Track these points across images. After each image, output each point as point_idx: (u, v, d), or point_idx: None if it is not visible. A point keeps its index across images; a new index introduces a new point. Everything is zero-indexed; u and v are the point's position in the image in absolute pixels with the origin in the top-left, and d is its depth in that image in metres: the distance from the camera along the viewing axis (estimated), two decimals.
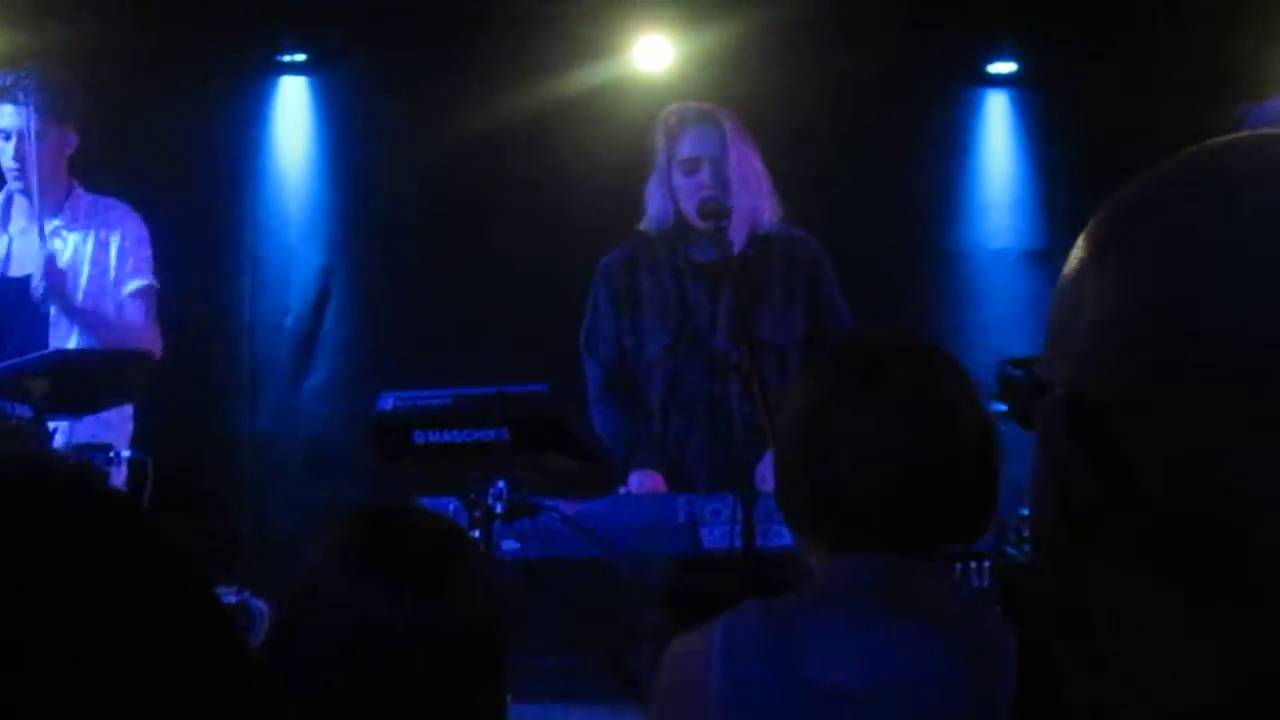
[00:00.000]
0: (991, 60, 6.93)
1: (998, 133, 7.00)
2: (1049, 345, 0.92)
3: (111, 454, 4.47)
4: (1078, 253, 0.91)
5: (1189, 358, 0.84)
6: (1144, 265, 0.87)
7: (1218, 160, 0.89)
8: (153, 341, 4.99)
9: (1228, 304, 0.83)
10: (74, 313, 4.87)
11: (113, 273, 4.98)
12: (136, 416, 5.07)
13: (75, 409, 4.56)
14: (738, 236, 4.52)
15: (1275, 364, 0.82)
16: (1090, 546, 0.89)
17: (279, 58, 6.84)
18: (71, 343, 4.86)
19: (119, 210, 5.05)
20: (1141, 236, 0.88)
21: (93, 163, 5.14)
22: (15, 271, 4.95)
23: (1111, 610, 0.89)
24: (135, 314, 5.00)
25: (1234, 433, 0.83)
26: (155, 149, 6.29)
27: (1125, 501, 0.87)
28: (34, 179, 4.85)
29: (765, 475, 4.17)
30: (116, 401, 4.83)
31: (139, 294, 5.00)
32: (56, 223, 4.95)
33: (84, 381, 4.52)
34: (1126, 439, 0.86)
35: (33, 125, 4.81)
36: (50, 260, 4.83)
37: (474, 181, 6.64)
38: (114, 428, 4.92)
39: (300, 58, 6.85)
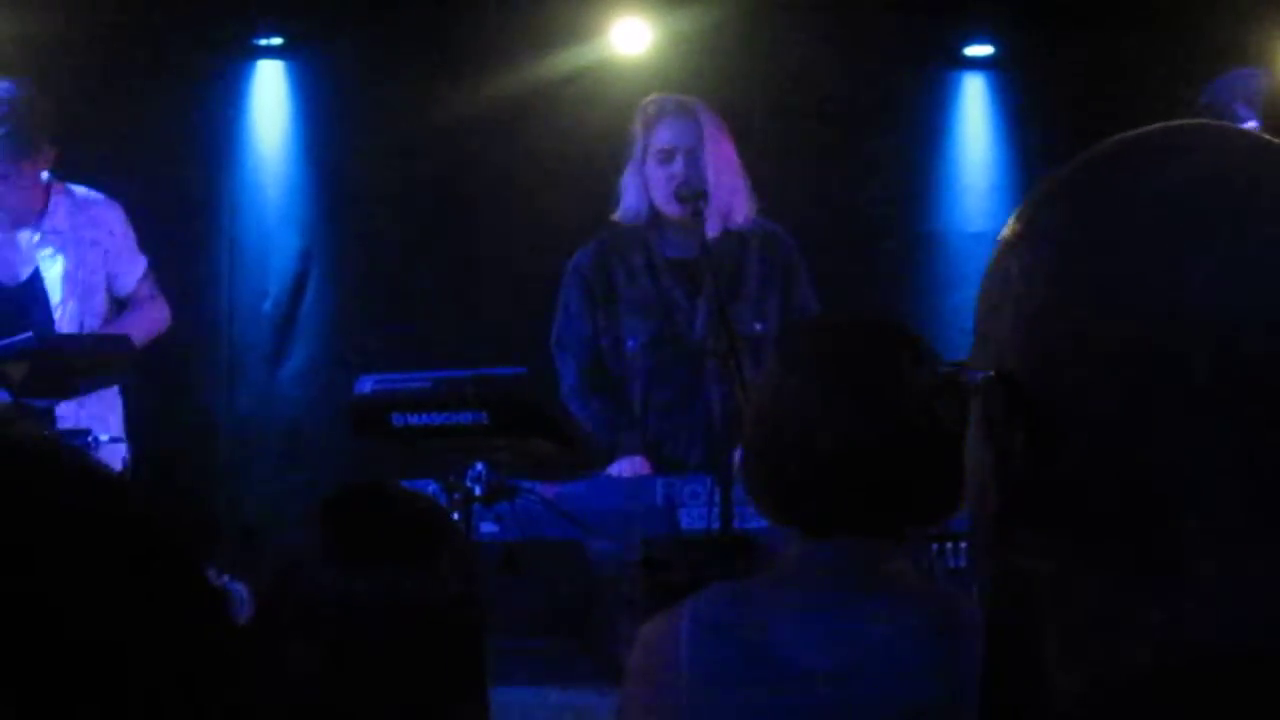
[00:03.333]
0: (968, 43, 6.93)
1: (974, 116, 7.01)
2: (977, 329, 0.95)
3: (90, 439, 4.48)
4: (1003, 237, 0.94)
5: (1102, 333, 0.87)
6: (1060, 246, 0.90)
7: (1129, 148, 0.93)
8: (163, 313, 5.19)
9: (1139, 281, 0.86)
10: (85, 324, 4.93)
11: (104, 270, 5.02)
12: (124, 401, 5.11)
13: (54, 394, 4.57)
14: (711, 228, 4.52)
15: (1183, 341, 0.85)
16: (1025, 521, 0.91)
17: (256, 41, 6.81)
18: None
19: (99, 206, 5.07)
20: (1058, 220, 0.91)
21: (69, 150, 5.13)
22: (10, 280, 4.95)
23: (1047, 585, 0.91)
24: (148, 298, 5.13)
25: (1150, 406, 0.86)
26: (132, 133, 6.27)
27: (1055, 475, 0.89)
28: (13, 208, 4.88)
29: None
30: (96, 386, 4.84)
31: (144, 279, 5.14)
32: (41, 231, 4.96)
33: (62, 366, 4.53)
34: (1052, 414, 0.89)
35: (7, 170, 4.81)
36: (67, 282, 4.88)
37: (452, 165, 6.63)
38: (104, 413, 4.94)
39: (277, 41, 6.83)
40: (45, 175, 4.99)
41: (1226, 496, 0.86)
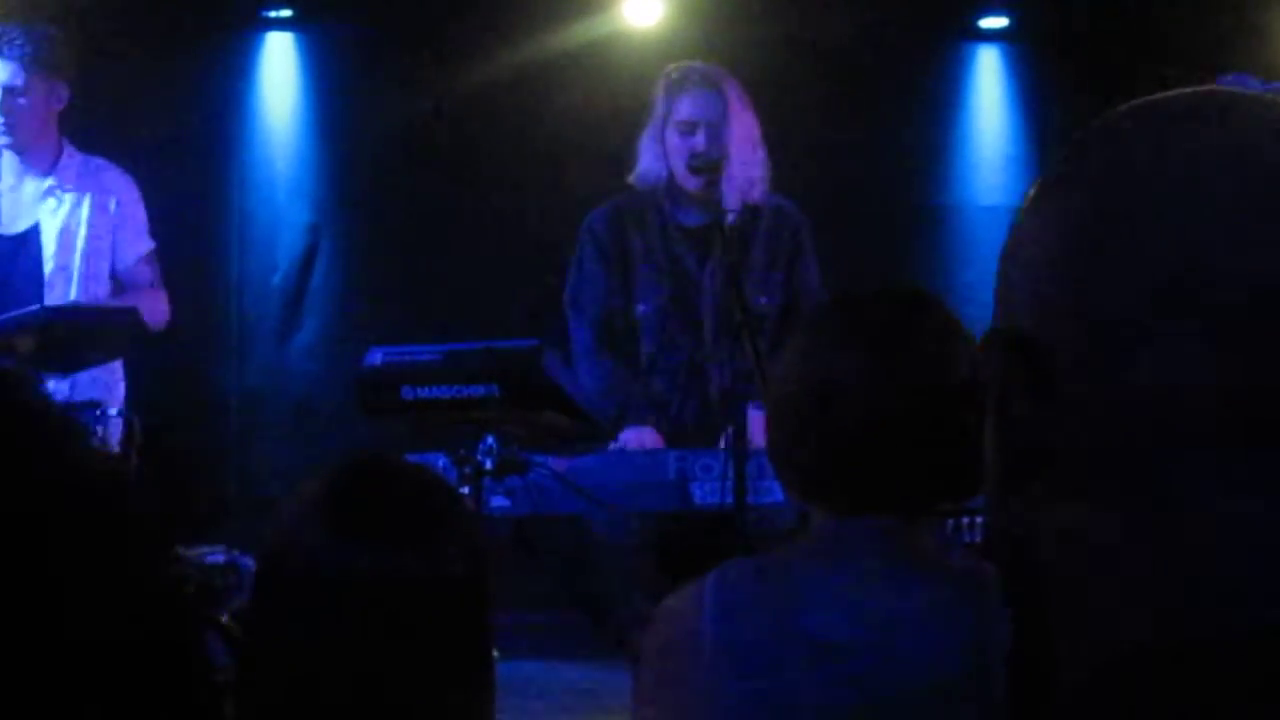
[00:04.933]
0: (983, 15, 6.91)
1: (989, 88, 6.98)
2: (996, 296, 0.96)
3: (99, 412, 4.46)
4: (1023, 203, 0.95)
5: (1110, 284, 0.87)
6: (1066, 207, 0.91)
7: (1148, 112, 0.93)
8: (161, 307, 5.01)
9: (1150, 234, 0.87)
10: (89, 292, 4.87)
11: (110, 237, 4.96)
12: (126, 375, 5.06)
13: (63, 366, 4.55)
14: (729, 203, 4.51)
15: (1192, 286, 0.85)
16: (1032, 481, 0.91)
17: (265, 13, 6.79)
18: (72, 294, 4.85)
19: (112, 173, 5.02)
20: (1070, 181, 0.92)
21: (78, 120, 5.10)
22: (7, 229, 4.91)
23: (1054, 546, 0.90)
24: (147, 279, 5.01)
25: (1161, 351, 0.85)
26: (140, 106, 6.25)
27: (1061, 429, 0.89)
28: (23, 134, 4.82)
29: (755, 431, 4.17)
30: (104, 359, 4.82)
31: (144, 261, 5.02)
32: (50, 182, 4.92)
33: (71, 339, 4.51)
34: (1060, 367, 0.88)
35: (20, 79, 4.77)
36: (64, 237, 4.82)
37: (462, 137, 6.61)
38: (109, 388, 4.92)
39: (286, 13, 6.81)
40: (60, 141, 4.95)
41: (1233, 448, 0.86)
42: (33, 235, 4.88)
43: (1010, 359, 0.90)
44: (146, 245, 5.03)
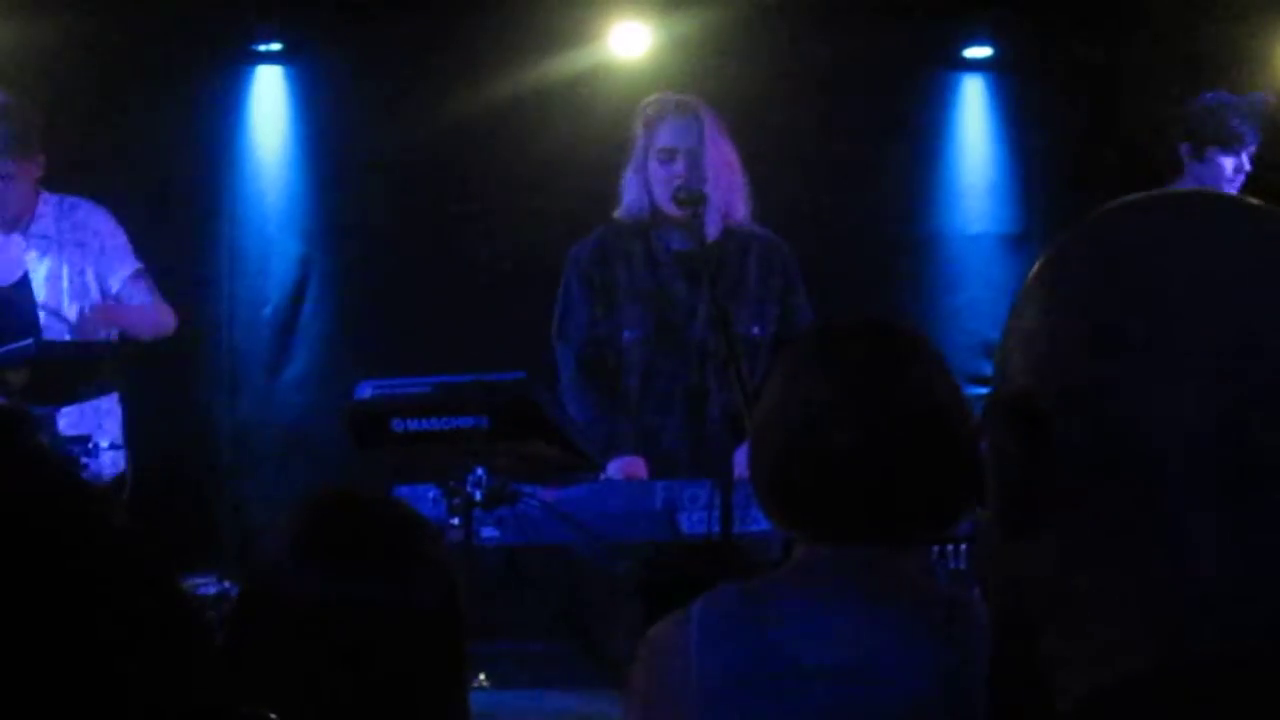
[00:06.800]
0: (967, 45, 6.93)
1: (974, 118, 7.01)
2: (995, 367, 1.05)
3: (90, 445, 4.49)
4: (1023, 290, 1.06)
5: (1090, 363, 0.96)
6: (1060, 301, 1.00)
7: (1118, 218, 1.03)
8: (167, 315, 5.18)
9: (1113, 329, 0.96)
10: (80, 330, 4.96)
11: (90, 272, 5.04)
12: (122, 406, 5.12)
13: (54, 400, 4.58)
14: (712, 227, 4.57)
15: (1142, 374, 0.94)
16: (1025, 525, 0.97)
17: (254, 47, 6.81)
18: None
19: (84, 209, 5.11)
20: (1062, 279, 1.01)
21: (68, 156, 5.15)
22: (3, 280, 4.99)
23: (1046, 586, 0.96)
24: (141, 298, 5.12)
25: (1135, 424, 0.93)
26: (130, 140, 6.27)
27: (1054, 478, 0.95)
28: (12, 211, 4.97)
29: (742, 461, 4.19)
30: (96, 392, 4.85)
31: (134, 278, 5.12)
32: (31, 231, 5.03)
33: (62, 372, 4.54)
34: (1049, 424, 0.96)
35: (11, 165, 4.89)
36: (51, 283, 4.91)
37: (452, 169, 6.63)
38: (103, 420, 4.96)
39: (276, 47, 6.82)
40: (35, 192, 5.06)
41: (1226, 499, 0.90)
42: (24, 284, 4.98)
43: (1012, 423, 0.97)
44: (132, 265, 5.14)
